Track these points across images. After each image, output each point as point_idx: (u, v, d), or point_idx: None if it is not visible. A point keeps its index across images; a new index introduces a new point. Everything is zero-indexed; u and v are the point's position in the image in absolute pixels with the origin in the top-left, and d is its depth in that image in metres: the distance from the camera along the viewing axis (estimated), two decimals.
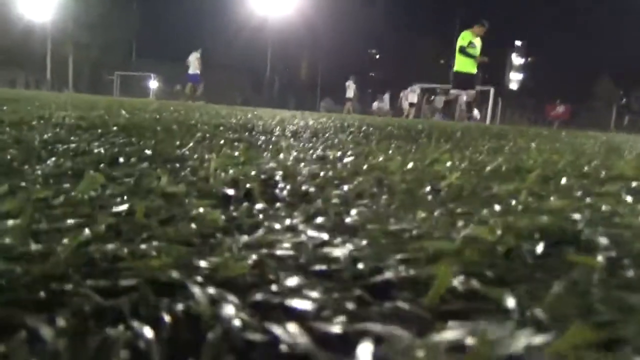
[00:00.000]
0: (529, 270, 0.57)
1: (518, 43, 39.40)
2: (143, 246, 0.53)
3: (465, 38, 8.60)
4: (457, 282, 0.50)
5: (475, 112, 8.74)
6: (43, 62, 25.14)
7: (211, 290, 0.43)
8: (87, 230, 0.55)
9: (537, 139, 3.66)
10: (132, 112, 3.81)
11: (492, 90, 12.65)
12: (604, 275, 0.54)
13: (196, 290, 0.41)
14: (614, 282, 0.53)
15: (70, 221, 0.62)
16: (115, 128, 2.15)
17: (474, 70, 8.76)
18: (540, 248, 0.63)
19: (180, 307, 0.39)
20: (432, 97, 20.82)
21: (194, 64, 13.33)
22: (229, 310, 0.39)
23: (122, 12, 27.47)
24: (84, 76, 27.34)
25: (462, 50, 8.61)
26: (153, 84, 24.84)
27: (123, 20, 27.82)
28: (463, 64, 8.71)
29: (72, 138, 1.66)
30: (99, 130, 2.00)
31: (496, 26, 8.78)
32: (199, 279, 0.46)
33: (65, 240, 0.51)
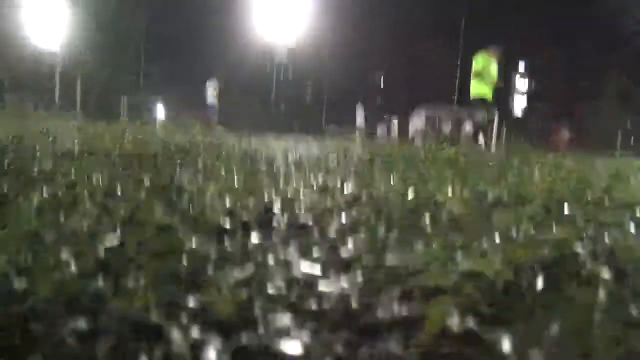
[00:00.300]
0: (528, 307, 0.55)
1: (521, 67, 39.73)
2: (130, 283, 0.52)
3: (479, 62, 8.40)
4: (453, 322, 0.49)
5: (480, 139, 8.58)
6: (52, 87, 25.52)
7: (194, 333, 0.41)
8: (73, 267, 0.54)
9: (541, 166, 3.64)
10: (136, 141, 3.83)
11: (496, 115, 12.63)
12: (605, 312, 0.52)
13: (176, 335, 0.39)
14: (616, 318, 0.51)
15: (59, 256, 0.60)
16: (117, 156, 2.15)
17: (490, 95, 8.49)
18: (540, 283, 0.61)
19: (158, 353, 0.37)
20: (438, 122, 20.88)
21: (211, 95, 13.44)
22: (210, 356, 0.37)
23: (131, 38, 27.95)
24: (92, 102, 27.71)
25: (477, 75, 8.38)
26: (160, 110, 24.99)
27: (131, 47, 28.30)
28: (479, 89, 8.48)
29: (68, 168, 1.65)
30: (100, 159, 2.01)
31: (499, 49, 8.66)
32: (184, 320, 0.44)
33: (48, 277, 0.49)
